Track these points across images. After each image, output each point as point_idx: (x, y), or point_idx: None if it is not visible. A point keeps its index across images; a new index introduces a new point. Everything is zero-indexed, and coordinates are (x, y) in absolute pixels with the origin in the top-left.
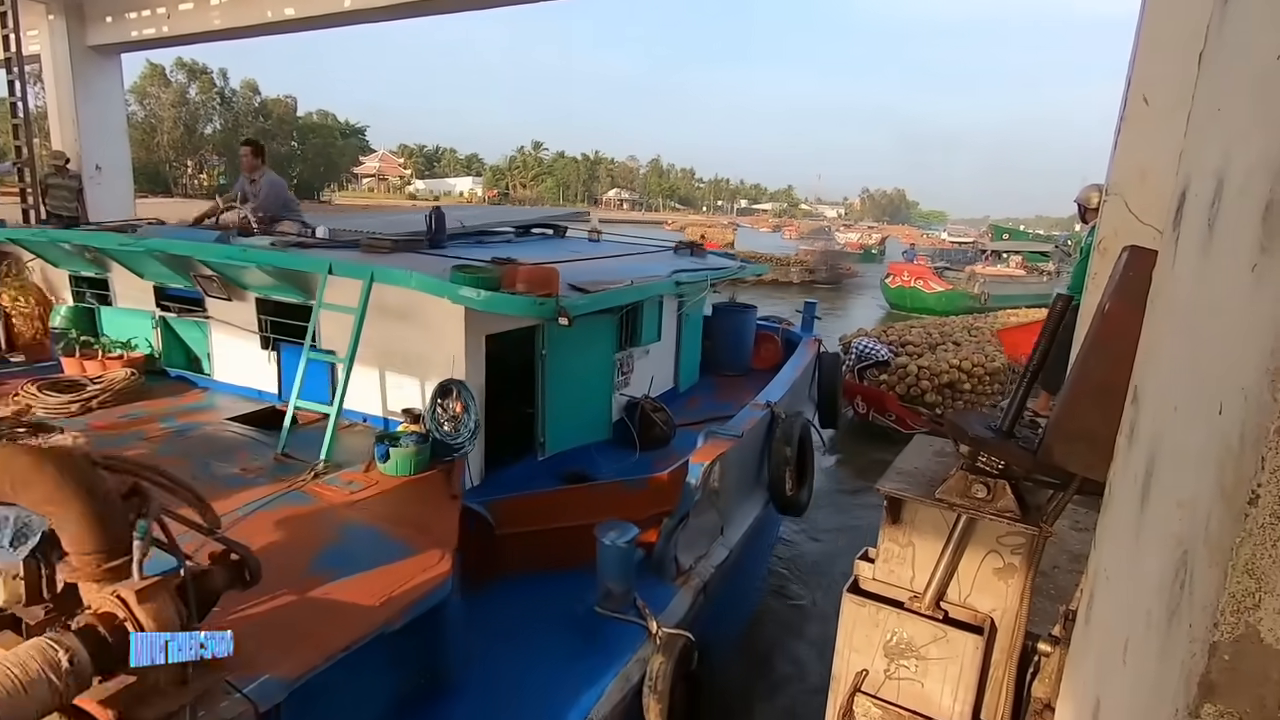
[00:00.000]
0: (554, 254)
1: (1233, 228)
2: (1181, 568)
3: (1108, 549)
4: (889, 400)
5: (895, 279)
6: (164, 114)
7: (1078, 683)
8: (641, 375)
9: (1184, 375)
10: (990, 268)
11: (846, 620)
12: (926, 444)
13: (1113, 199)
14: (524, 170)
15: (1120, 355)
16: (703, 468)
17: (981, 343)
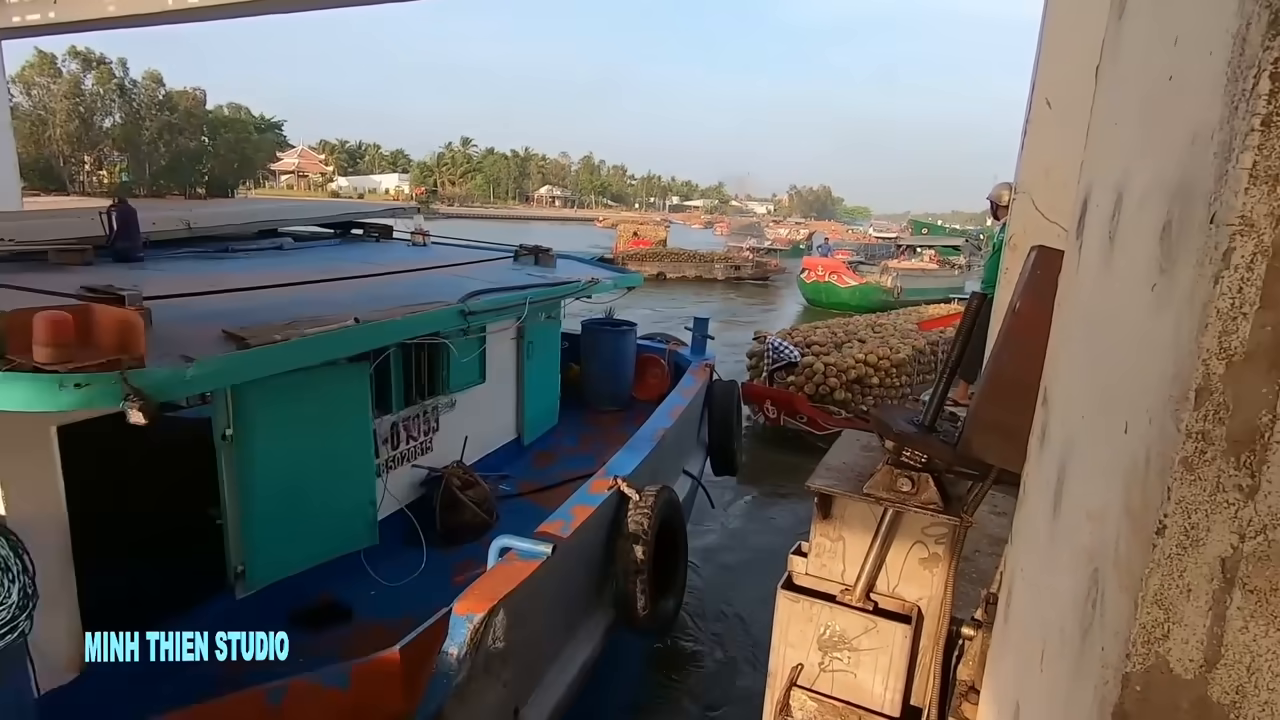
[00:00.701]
0: (337, 265)
1: (1132, 243)
2: (1093, 586)
3: (1023, 548)
4: (799, 402)
5: (810, 274)
6: (55, 106)
7: (999, 681)
8: (453, 434)
9: (1089, 384)
10: (904, 262)
11: (781, 616)
12: (854, 439)
13: (1021, 197)
14: (453, 167)
15: (1030, 352)
16: (470, 625)
17: (886, 337)
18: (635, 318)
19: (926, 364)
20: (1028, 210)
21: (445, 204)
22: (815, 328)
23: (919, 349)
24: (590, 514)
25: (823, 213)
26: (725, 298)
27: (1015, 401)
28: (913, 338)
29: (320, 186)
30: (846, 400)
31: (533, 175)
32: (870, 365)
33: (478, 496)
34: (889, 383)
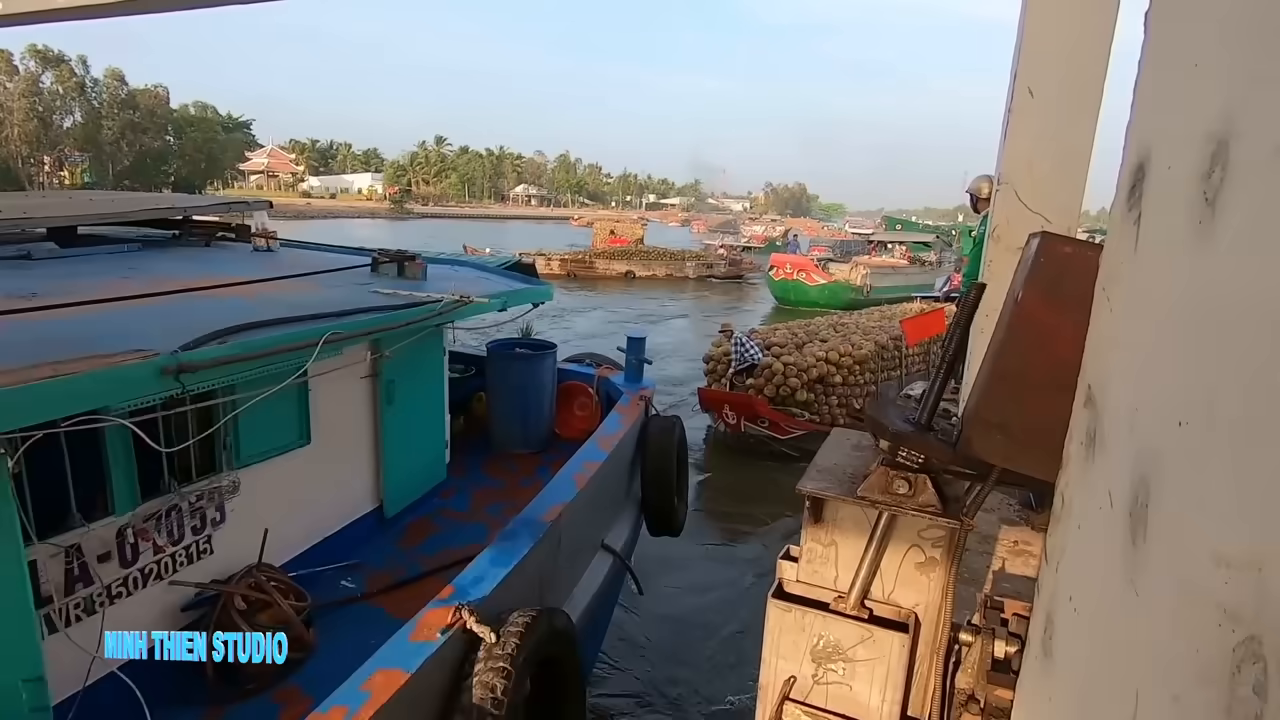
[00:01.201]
0: (106, 280)
1: (1262, 200)
2: (1246, 661)
3: (1073, 574)
4: (759, 405)
5: (779, 271)
6: (13, 105)
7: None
8: (250, 524)
9: (1191, 384)
10: (875, 258)
11: (772, 626)
12: (844, 438)
13: (1004, 188)
14: (426, 166)
15: (1034, 344)
16: None
17: (848, 334)
18: (591, 323)
19: (890, 360)
20: (1010, 202)
21: (420, 203)
22: (775, 329)
23: (881, 345)
24: (398, 687)
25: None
26: (698, 296)
27: (1019, 398)
28: (875, 334)
29: (291, 186)
30: (809, 401)
31: (508, 174)
32: (832, 363)
33: (272, 619)
34: (852, 380)
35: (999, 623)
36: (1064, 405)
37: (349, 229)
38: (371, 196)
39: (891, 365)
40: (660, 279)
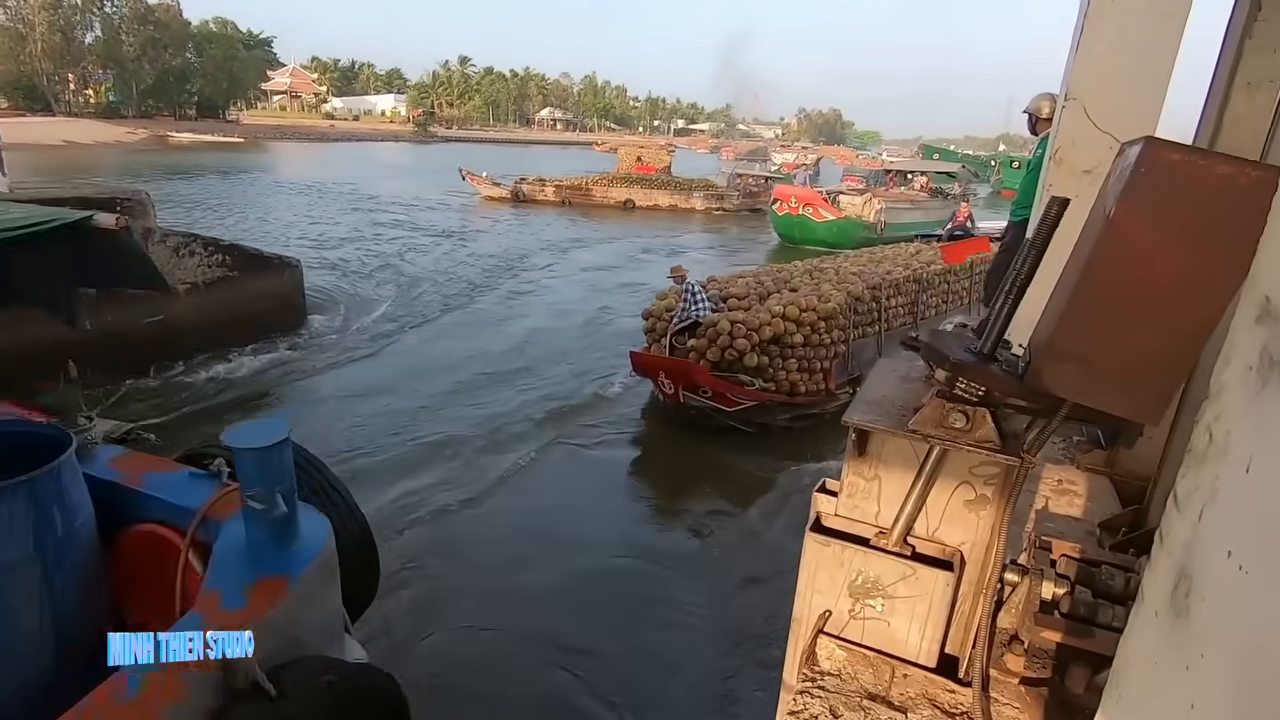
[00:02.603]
0: None
1: None
2: None
3: (1238, 524)
4: (697, 373)
5: (783, 205)
6: (34, 18)
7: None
8: None
9: None
10: (893, 190)
11: (809, 561)
12: (891, 368)
13: (1070, 105)
14: (450, 88)
15: (1125, 267)
16: None
17: (820, 283)
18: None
19: (866, 313)
20: (1077, 120)
21: (443, 126)
22: (738, 277)
23: (856, 296)
24: None
25: (832, 137)
26: (712, 229)
27: (1101, 327)
28: (851, 282)
29: (314, 108)
30: (761, 366)
31: (533, 96)
32: (791, 320)
33: None
34: (815, 340)
35: (1047, 563)
36: (1155, 336)
37: (373, 153)
38: (395, 119)
39: (867, 320)
40: (663, 209)
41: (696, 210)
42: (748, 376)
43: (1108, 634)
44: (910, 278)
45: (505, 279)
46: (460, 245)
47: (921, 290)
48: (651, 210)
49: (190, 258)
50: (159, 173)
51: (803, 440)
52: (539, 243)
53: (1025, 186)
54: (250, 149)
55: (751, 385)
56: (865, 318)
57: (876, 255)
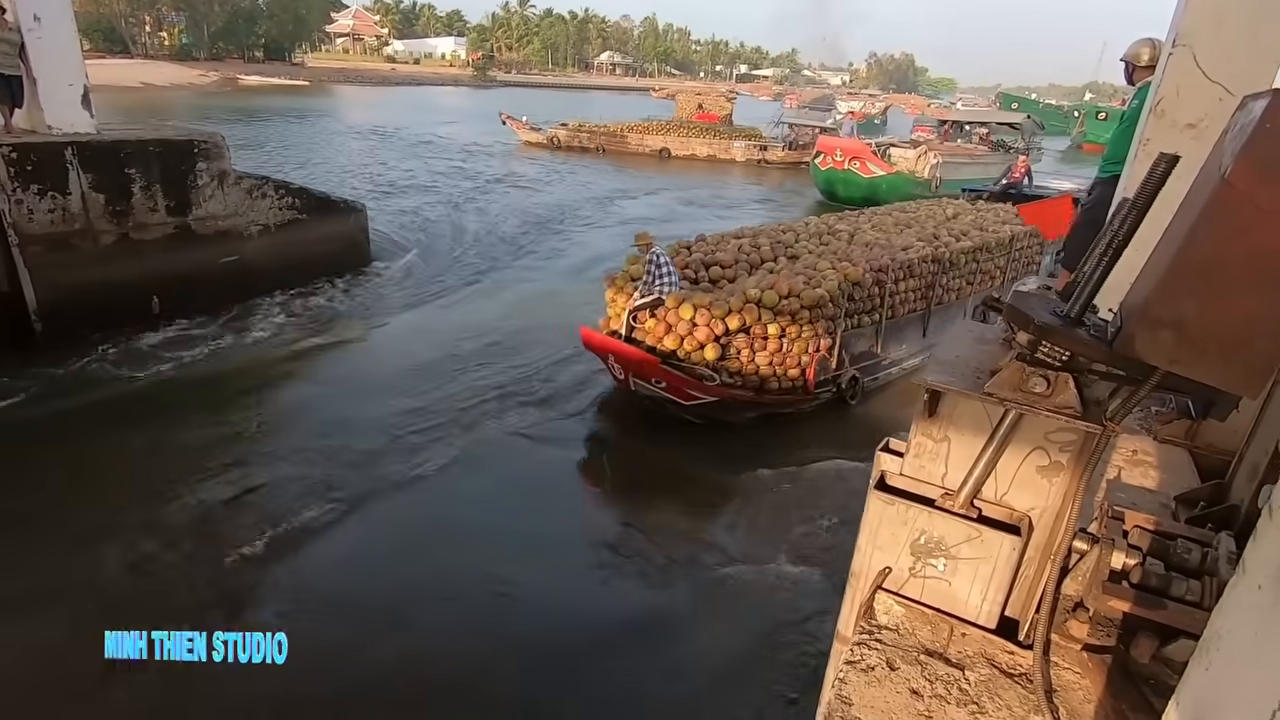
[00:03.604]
0: None
1: None
2: None
3: None
4: (648, 366)
5: (826, 159)
6: None
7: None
8: None
9: None
10: (948, 144)
11: (872, 517)
12: (966, 330)
13: (1178, 52)
14: (509, 30)
15: (1239, 230)
16: None
17: (823, 252)
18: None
19: (865, 300)
20: (1185, 68)
21: (502, 71)
22: (730, 238)
23: (855, 281)
24: None
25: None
26: (748, 182)
27: (1205, 292)
28: (856, 259)
29: (376, 51)
30: (725, 363)
31: (592, 40)
32: (768, 307)
33: None
34: (794, 332)
35: (1119, 533)
36: (1264, 304)
37: (433, 97)
38: (454, 63)
39: (866, 307)
40: (700, 160)
41: (737, 161)
42: (708, 370)
43: (1180, 607)
44: (929, 258)
45: (546, 235)
46: (505, 193)
47: (941, 272)
48: (689, 160)
49: (263, 200)
50: (230, 115)
51: (774, 437)
52: (579, 196)
53: (1116, 140)
54: (314, 92)
55: (712, 380)
56: (863, 305)
57: (910, 212)
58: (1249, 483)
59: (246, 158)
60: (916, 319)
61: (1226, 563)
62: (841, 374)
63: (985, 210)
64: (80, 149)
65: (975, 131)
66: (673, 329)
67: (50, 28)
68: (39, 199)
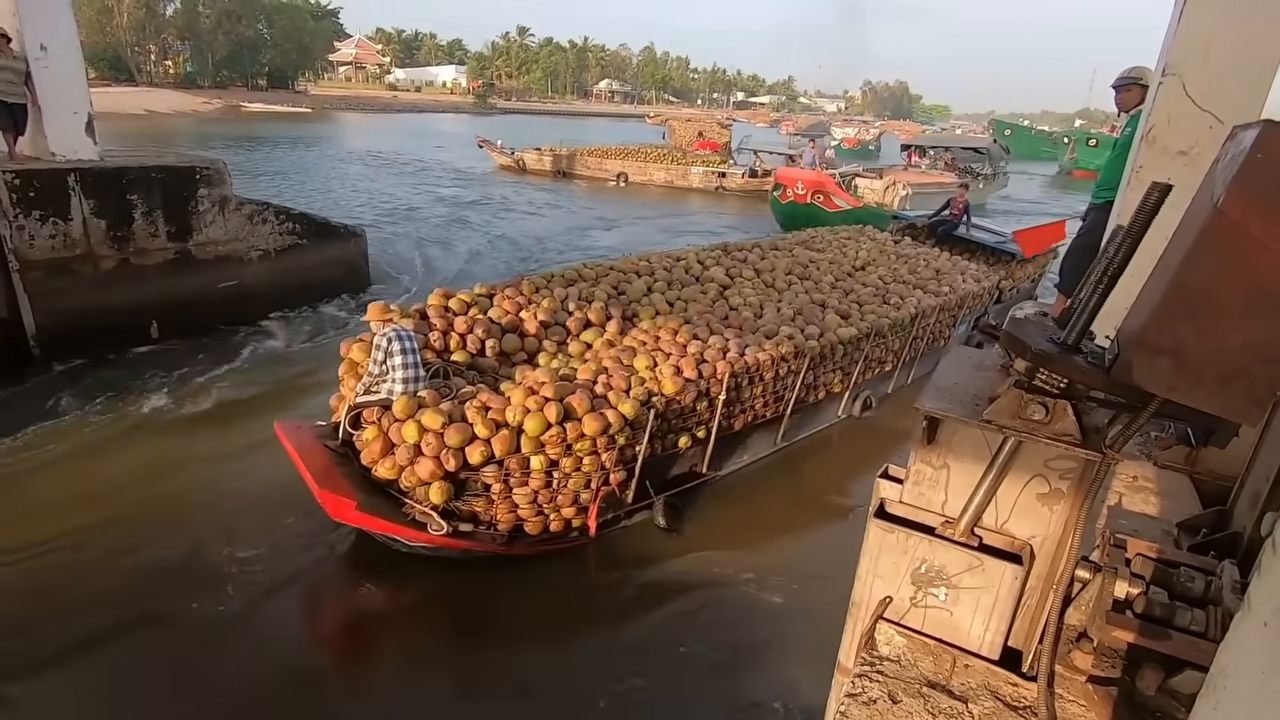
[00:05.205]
0: None
1: None
2: None
3: None
4: (338, 506)
5: (786, 192)
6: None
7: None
8: None
9: None
10: (911, 173)
11: (871, 546)
12: (965, 356)
13: (1168, 81)
14: (509, 59)
15: (1232, 258)
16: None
17: (663, 325)
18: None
19: (690, 413)
20: (1175, 97)
21: (503, 98)
22: (557, 281)
23: (670, 396)
24: None
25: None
26: (710, 211)
27: (1201, 320)
28: (694, 358)
29: (378, 79)
30: (460, 505)
31: (591, 68)
32: (530, 436)
33: None
34: (571, 466)
35: (1122, 562)
36: (1261, 332)
37: (433, 124)
38: (455, 90)
39: (688, 424)
40: (658, 186)
41: (694, 187)
42: (434, 518)
43: (1185, 637)
44: (791, 353)
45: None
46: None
47: (808, 369)
48: (644, 186)
49: (263, 225)
50: (232, 141)
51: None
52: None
53: (1110, 166)
54: (317, 119)
55: (439, 529)
56: (683, 421)
57: (820, 251)
58: (1251, 509)
59: (248, 183)
60: (768, 423)
61: (1231, 591)
62: (640, 508)
63: (911, 255)
64: (83, 175)
65: (940, 158)
66: (396, 449)
67: (57, 57)
68: (40, 225)
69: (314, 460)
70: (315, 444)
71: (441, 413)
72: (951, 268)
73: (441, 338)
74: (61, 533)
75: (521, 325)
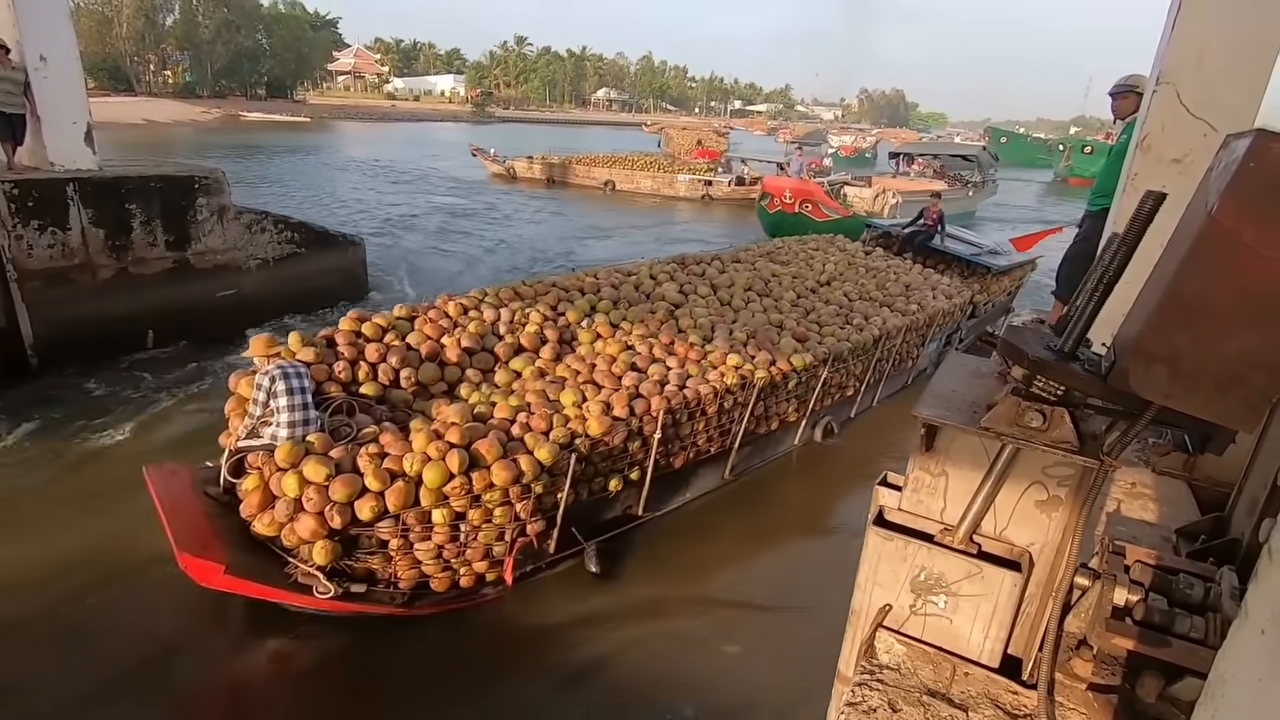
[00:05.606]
0: None
1: None
2: None
3: None
4: (203, 572)
5: (773, 201)
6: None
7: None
8: None
9: None
10: (900, 180)
11: (871, 554)
12: (962, 363)
13: (1162, 89)
14: (507, 68)
15: (1226, 267)
16: None
17: (600, 352)
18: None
19: (620, 455)
20: (1169, 105)
21: (501, 107)
22: (490, 301)
23: (597, 437)
24: None
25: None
26: (701, 220)
27: (1196, 328)
28: (625, 392)
29: (376, 88)
30: (351, 563)
31: (589, 77)
32: (430, 488)
33: None
34: (480, 518)
35: (1121, 569)
36: (1256, 340)
37: (431, 133)
38: (454, 99)
39: (617, 466)
40: (645, 194)
41: (681, 196)
42: (320, 579)
43: (1184, 644)
44: (738, 385)
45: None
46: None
47: (757, 400)
48: (632, 194)
49: (262, 234)
50: (231, 151)
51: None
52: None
53: (1106, 173)
54: (315, 128)
55: (325, 592)
56: (614, 463)
57: (784, 265)
58: (1249, 516)
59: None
60: (715, 457)
61: (1230, 598)
62: (567, 556)
63: (881, 269)
64: (82, 185)
65: (930, 165)
66: (269, 506)
67: (56, 67)
68: (39, 234)
69: (183, 513)
70: (190, 493)
71: (328, 462)
72: (923, 282)
73: (349, 368)
74: None
75: (442, 353)
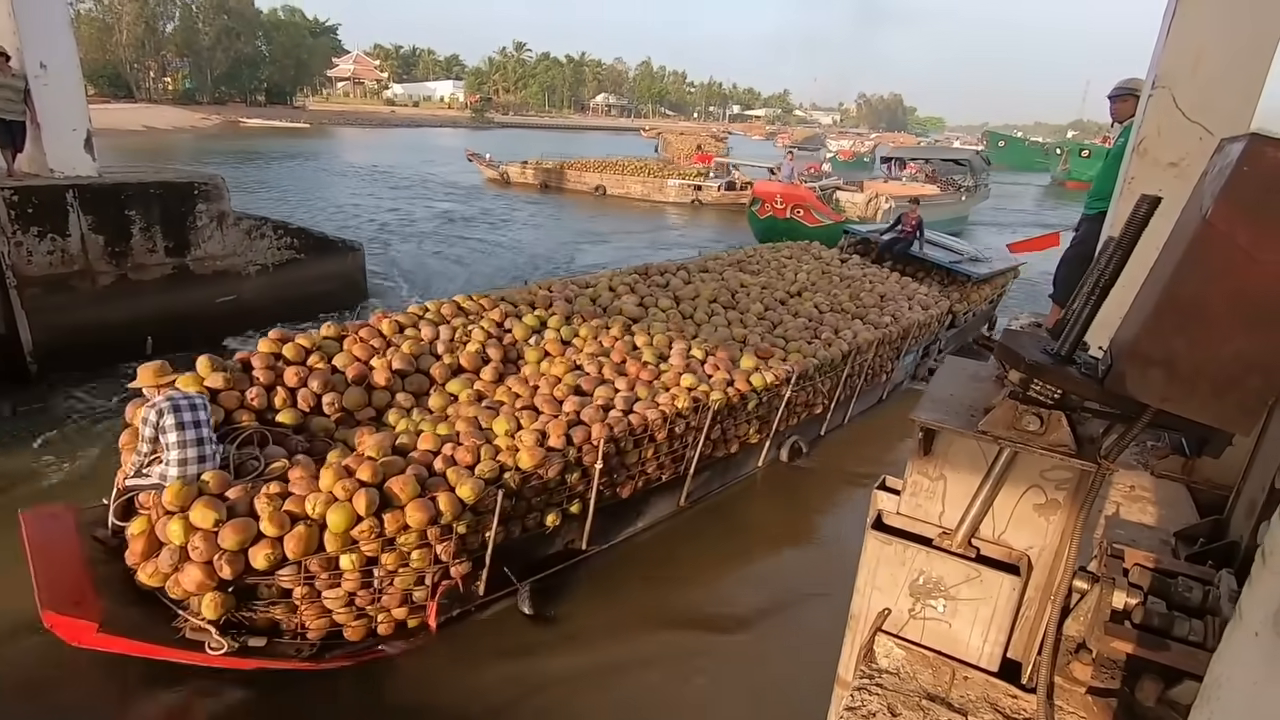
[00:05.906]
0: None
1: None
2: None
3: None
4: (73, 631)
5: (764, 207)
6: (123, 9)
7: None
8: None
9: None
10: (891, 185)
11: (869, 558)
12: (960, 367)
13: (1158, 93)
14: (506, 74)
15: (1221, 270)
16: None
17: (544, 375)
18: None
19: (558, 488)
20: (1165, 109)
21: (500, 113)
22: (431, 318)
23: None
24: None
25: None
26: (689, 224)
27: (1192, 331)
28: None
29: (376, 94)
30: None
31: (588, 82)
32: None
33: None
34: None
35: (1119, 572)
36: (1252, 343)
37: (430, 138)
38: (453, 105)
39: (555, 499)
40: (635, 199)
41: (670, 200)
42: (212, 634)
43: (1183, 647)
44: (691, 408)
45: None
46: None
47: (714, 423)
48: (623, 199)
49: (261, 240)
50: (231, 157)
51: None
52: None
53: (1103, 177)
54: (315, 134)
55: (219, 649)
56: (552, 496)
57: (753, 276)
58: (1247, 519)
59: (246, 198)
60: (669, 484)
61: (1228, 601)
62: (499, 598)
63: (856, 278)
64: (81, 191)
65: (922, 170)
66: (161, 551)
67: (56, 74)
68: (39, 241)
69: (58, 562)
70: (72, 539)
71: (218, 505)
72: (899, 291)
73: (264, 394)
74: None
75: (370, 376)
